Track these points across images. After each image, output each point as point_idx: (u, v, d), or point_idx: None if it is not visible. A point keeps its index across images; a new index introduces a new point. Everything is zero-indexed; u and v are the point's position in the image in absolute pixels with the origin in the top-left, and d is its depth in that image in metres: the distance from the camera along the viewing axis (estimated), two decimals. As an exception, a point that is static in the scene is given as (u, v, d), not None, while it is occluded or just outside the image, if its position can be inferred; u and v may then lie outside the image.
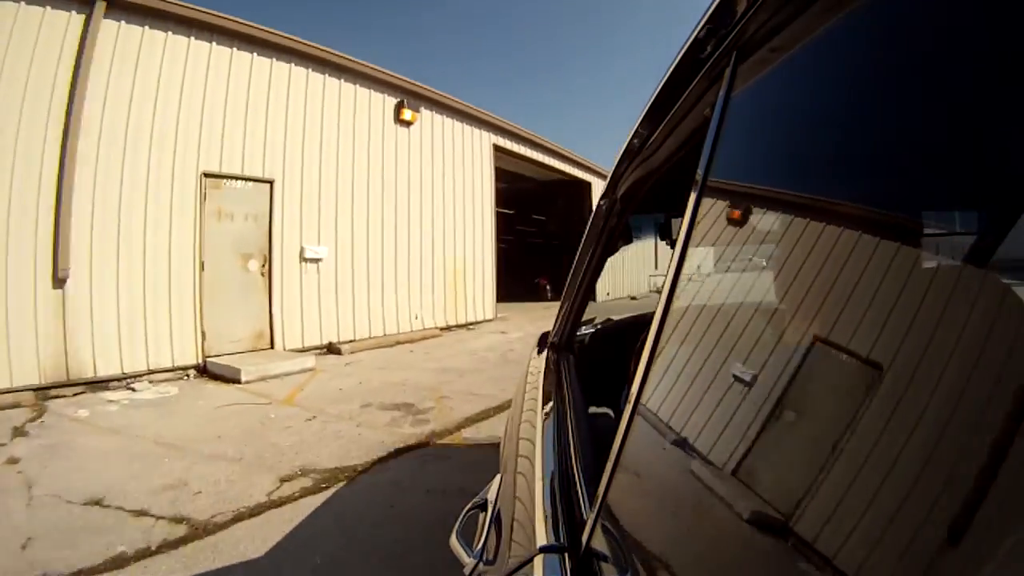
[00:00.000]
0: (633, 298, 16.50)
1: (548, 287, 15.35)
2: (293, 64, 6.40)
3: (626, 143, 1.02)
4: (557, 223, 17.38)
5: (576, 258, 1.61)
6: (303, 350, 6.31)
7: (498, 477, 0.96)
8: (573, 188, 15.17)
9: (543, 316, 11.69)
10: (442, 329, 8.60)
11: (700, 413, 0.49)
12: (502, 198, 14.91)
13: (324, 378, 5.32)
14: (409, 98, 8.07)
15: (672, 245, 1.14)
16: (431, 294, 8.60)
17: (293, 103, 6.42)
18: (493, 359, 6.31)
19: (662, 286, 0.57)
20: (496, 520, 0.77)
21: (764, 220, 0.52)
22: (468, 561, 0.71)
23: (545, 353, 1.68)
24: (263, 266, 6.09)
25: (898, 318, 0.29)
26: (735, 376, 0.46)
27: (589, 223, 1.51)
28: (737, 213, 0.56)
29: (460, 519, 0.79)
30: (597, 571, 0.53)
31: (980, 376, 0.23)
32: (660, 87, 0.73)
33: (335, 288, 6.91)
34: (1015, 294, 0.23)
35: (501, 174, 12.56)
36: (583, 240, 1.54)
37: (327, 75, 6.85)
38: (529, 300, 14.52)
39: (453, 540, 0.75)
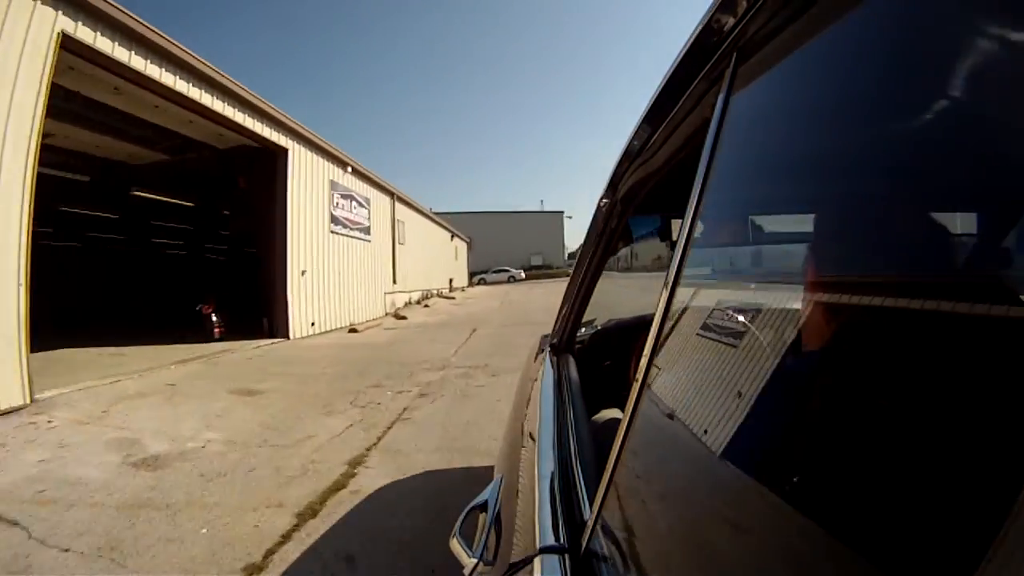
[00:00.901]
0: (354, 330, 10.36)
1: (215, 317, 9.00)
2: None
3: (626, 144, 1.03)
4: (243, 215, 11.15)
5: (576, 260, 1.61)
6: None
7: (498, 477, 0.96)
8: (262, 159, 9.35)
9: (159, 389, 4.82)
10: None
11: (701, 414, 0.49)
12: (175, 178, 10.25)
13: None
14: None
15: (672, 246, 1.14)
16: None
17: None
18: None
19: (662, 290, 0.57)
20: (496, 520, 0.78)
21: (764, 220, 0.52)
22: (468, 561, 0.71)
23: (545, 353, 1.68)
24: None
25: (899, 317, 0.29)
26: (736, 377, 0.46)
27: (589, 224, 1.51)
28: (737, 213, 0.57)
29: (460, 519, 0.79)
30: (597, 572, 0.53)
31: (984, 376, 0.23)
32: (660, 88, 0.73)
33: None
34: (1016, 295, 0.23)
35: (161, 136, 8.03)
36: (583, 241, 1.55)
37: None
38: (186, 340, 8.51)
39: (453, 540, 0.75)
